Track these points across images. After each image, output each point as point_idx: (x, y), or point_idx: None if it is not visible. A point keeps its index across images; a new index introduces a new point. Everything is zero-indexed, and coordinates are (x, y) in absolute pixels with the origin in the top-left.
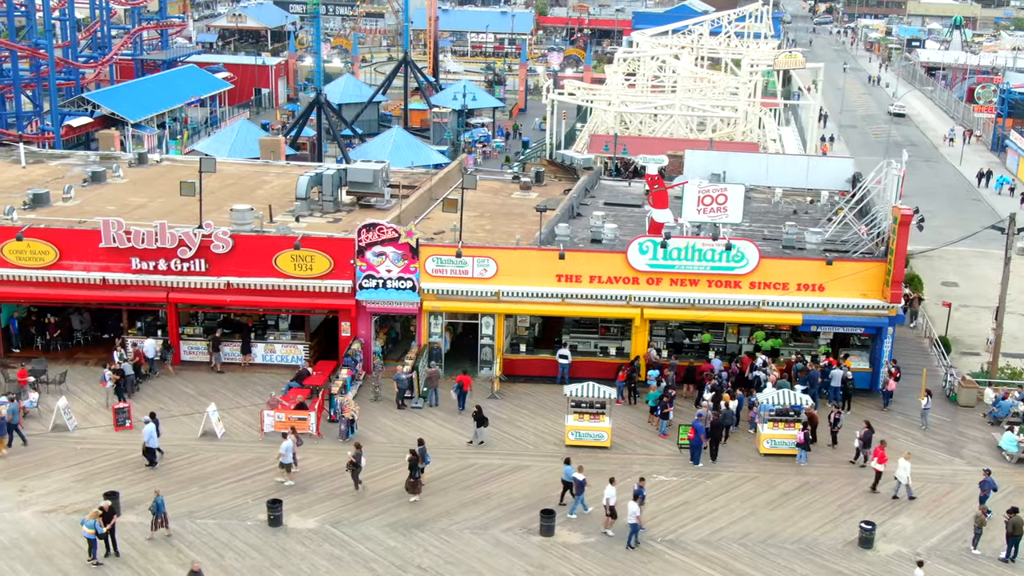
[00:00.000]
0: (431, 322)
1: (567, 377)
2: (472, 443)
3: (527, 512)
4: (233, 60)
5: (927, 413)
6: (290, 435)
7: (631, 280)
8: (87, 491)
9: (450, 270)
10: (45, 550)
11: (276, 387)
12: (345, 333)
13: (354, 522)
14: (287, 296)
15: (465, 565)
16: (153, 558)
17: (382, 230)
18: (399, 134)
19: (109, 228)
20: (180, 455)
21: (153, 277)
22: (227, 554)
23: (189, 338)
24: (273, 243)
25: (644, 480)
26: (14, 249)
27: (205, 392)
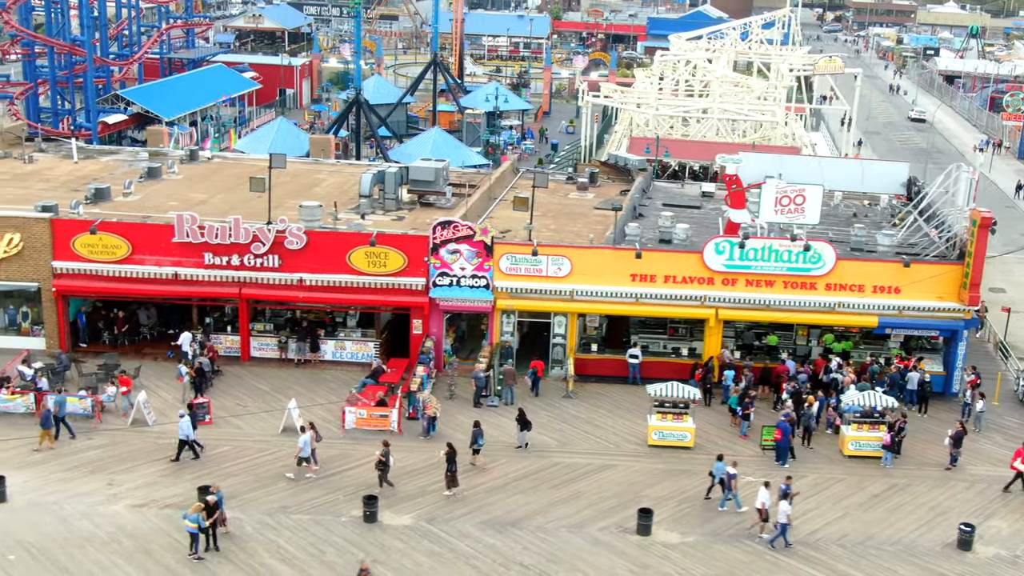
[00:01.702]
0: (503, 320)
1: (638, 377)
2: (519, 447)
3: (620, 511)
4: (258, 60)
5: (982, 416)
6: (309, 429)
7: (706, 280)
8: (176, 485)
9: (524, 268)
10: (144, 544)
11: (349, 384)
12: (417, 331)
13: (449, 519)
14: (359, 293)
15: (567, 563)
16: (254, 552)
17: (457, 227)
18: (438, 134)
19: (183, 222)
20: (263, 451)
21: (226, 272)
22: (327, 550)
23: (259, 334)
24: (347, 240)
25: (791, 479)
26: (86, 243)
27: (279, 388)
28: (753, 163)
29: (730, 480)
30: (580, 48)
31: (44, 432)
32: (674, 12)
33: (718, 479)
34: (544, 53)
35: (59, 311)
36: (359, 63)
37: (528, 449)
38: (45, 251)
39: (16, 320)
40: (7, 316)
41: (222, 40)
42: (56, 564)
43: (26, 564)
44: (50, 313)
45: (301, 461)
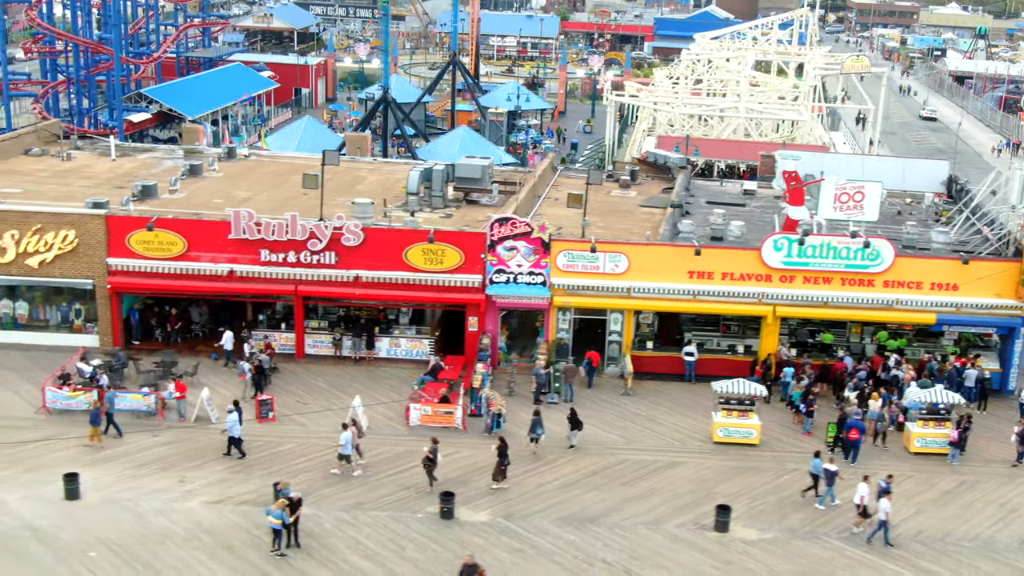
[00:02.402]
0: (559, 317)
1: (694, 375)
2: (571, 446)
3: (695, 508)
4: (274, 59)
5: None
6: (350, 426)
7: (764, 277)
8: (247, 482)
9: (581, 265)
10: (224, 541)
11: (406, 381)
12: (472, 328)
13: (526, 515)
14: (415, 290)
15: (649, 560)
16: (335, 549)
17: (515, 224)
18: (466, 133)
19: (240, 219)
20: (331, 448)
21: (282, 269)
22: (407, 546)
23: (314, 332)
24: (405, 237)
25: (892, 477)
26: (142, 239)
27: (337, 386)
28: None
29: (830, 476)
30: (588, 48)
31: (93, 429)
32: (679, 13)
33: (818, 476)
34: (552, 53)
35: (113, 308)
36: (387, 61)
37: (577, 448)
38: (100, 248)
39: (69, 317)
40: (60, 313)
41: (230, 40)
42: (138, 560)
43: (108, 560)
44: (104, 310)
45: (342, 458)
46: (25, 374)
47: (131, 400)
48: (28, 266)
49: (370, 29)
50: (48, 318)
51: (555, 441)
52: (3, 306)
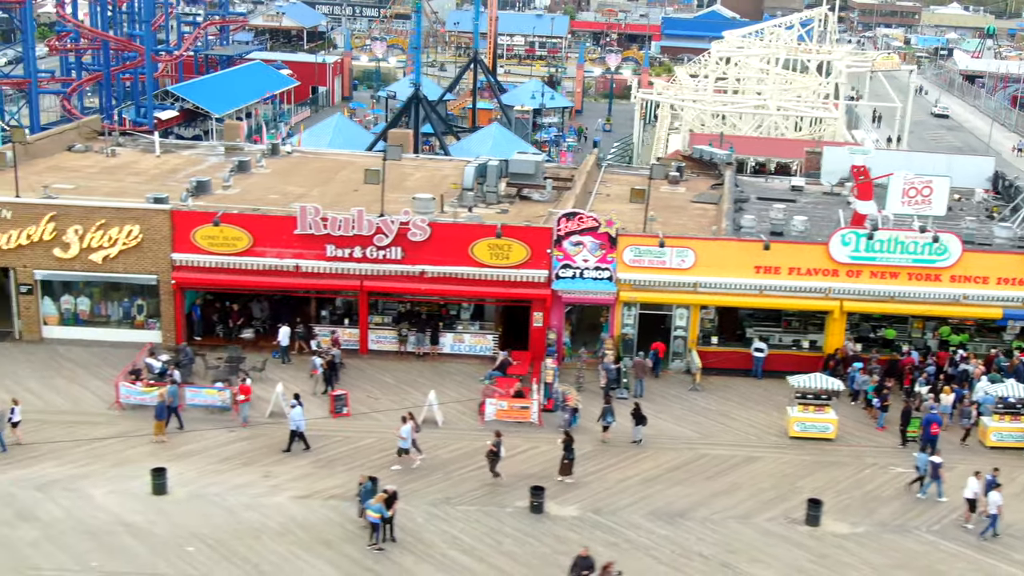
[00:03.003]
0: (624, 312)
1: (760, 371)
2: (634, 441)
3: (781, 502)
4: (292, 58)
5: None
6: (409, 420)
7: (831, 272)
8: (332, 477)
9: (648, 260)
10: (319, 535)
11: (472, 376)
12: (537, 323)
13: (614, 510)
14: (480, 285)
15: (746, 554)
16: (431, 543)
17: (582, 219)
18: (497, 130)
19: (306, 214)
20: None
21: (347, 265)
22: (504, 540)
23: (377, 327)
24: (471, 231)
25: (998, 470)
26: (207, 235)
27: (404, 381)
28: (838, 158)
29: (936, 469)
30: (596, 47)
31: (157, 423)
32: (682, 12)
33: (923, 470)
34: (562, 52)
35: (176, 304)
36: (418, 59)
37: (645, 444)
38: (164, 243)
39: (130, 313)
40: (121, 309)
41: (240, 39)
42: (236, 555)
43: (207, 555)
44: (167, 306)
45: (401, 452)
46: (92, 370)
47: (205, 395)
48: (91, 261)
49: (377, 28)
50: (109, 314)
51: (628, 436)
52: (65, 302)
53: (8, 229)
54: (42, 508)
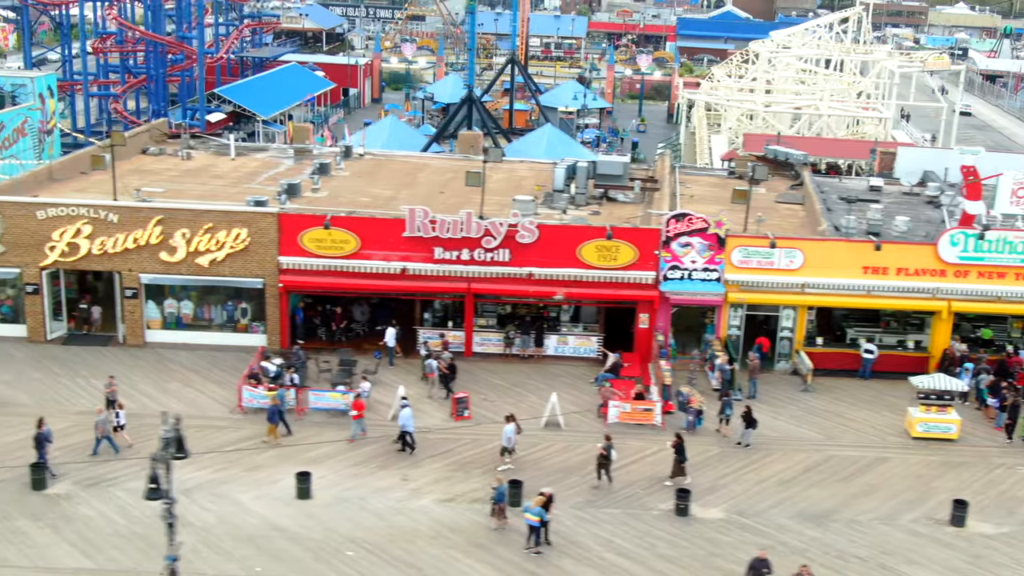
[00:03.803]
0: (731, 313)
1: (869, 372)
2: (741, 444)
3: (921, 503)
4: (324, 60)
5: None
6: (513, 420)
7: (938, 272)
8: (469, 480)
9: (756, 261)
10: (472, 538)
11: (580, 379)
12: (643, 325)
13: (759, 512)
14: (587, 287)
15: (900, 556)
16: (586, 546)
17: (691, 220)
18: (551, 132)
19: (415, 217)
20: (535, 446)
21: (455, 267)
22: (657, 543)
23: (482, 329)
24: (580, 233)
25: None
26: (315, 238)
27: (514, 383)
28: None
29: None
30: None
31: (270, 426)
32: (691, 12)
33: None
34: (581, 52)
35: (282, 307)
36: (472, 60)
37: (750, 448)
38: (271, 246)
39: (234, 316)
40: (225, 312)
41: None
42: (397, 559)
43: (367, 560)
44: (273, 309)
45: (504, 451)
46: (203, 374)
47: (328, 399)
48: (198, 265)
49: (392, 30)
50: (212, 317)
51: (759, 437)
52: (168, 305)
53: (115, 233)
54: (192, 513)
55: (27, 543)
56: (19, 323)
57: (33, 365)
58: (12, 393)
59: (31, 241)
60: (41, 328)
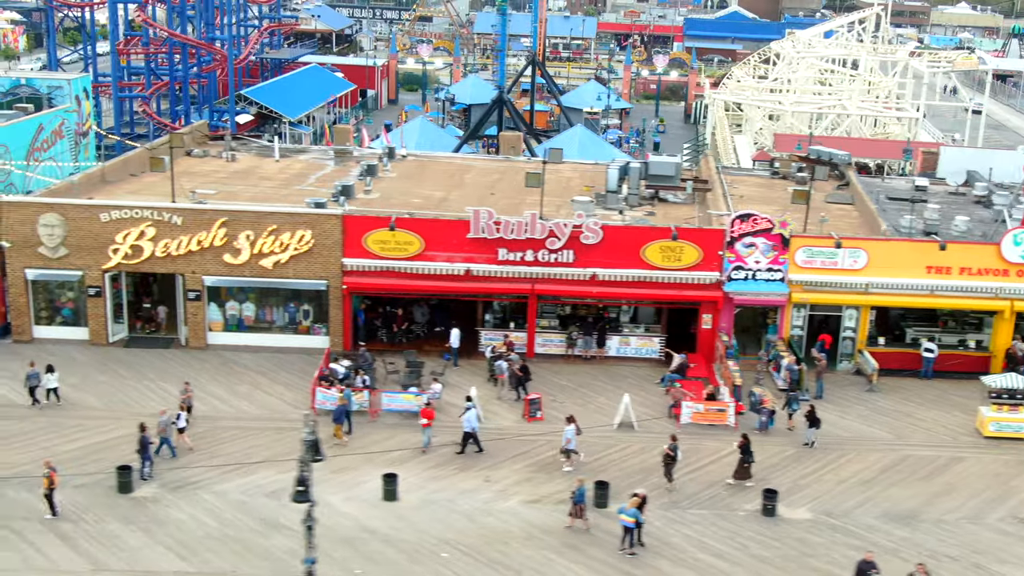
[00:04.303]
0: (793, 314)
1: (930, 371)
2: (807, 444)
3: (1002, 502)
4: (341, 61)
5: None
6: (573, 422)
7: (1001, 272)
8: (552, 481)
9: (820, 261)
10: (564, 540)
11: (645, 379)
12: (706, 325)
13: (845, 511)
14: (650, 287)
15: (991, 555)
16: (681, 547)
17: (756, 220)
18: (582, 132)
19: (479, 218)
20: (611, 446)
21: (518, 268)
22: (749, 544)
23: (544, 330)
24: (644, 234)
25: None
26: (379, 239)
27: (583, 384)
28: (955, 158)
29: None
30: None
31: (336, 427)
32: (694, 13)
33: None
34: (591, 53)
35: (345, 309)
36: (503, 61)
37: (822, 448)
38: (336, 248)
39: (296, 318)
40: (287, 314)
41: None
42: (493, 561)
43: (463, 562)
44: (336, 311)
45: (568, 453)
46: (270, 375)
47: (401, 400)
48: (262, 267)
49: (400, 31)
50: (274, 319)
51: (831, 437)
52: (231, 307)
53: (178, 235)
54: (283, 516)
55: (120, 546)
56: (80, 326)
57: (98, 368)
58: (81, 396)
59: (94, 244)
60: (103, 331)
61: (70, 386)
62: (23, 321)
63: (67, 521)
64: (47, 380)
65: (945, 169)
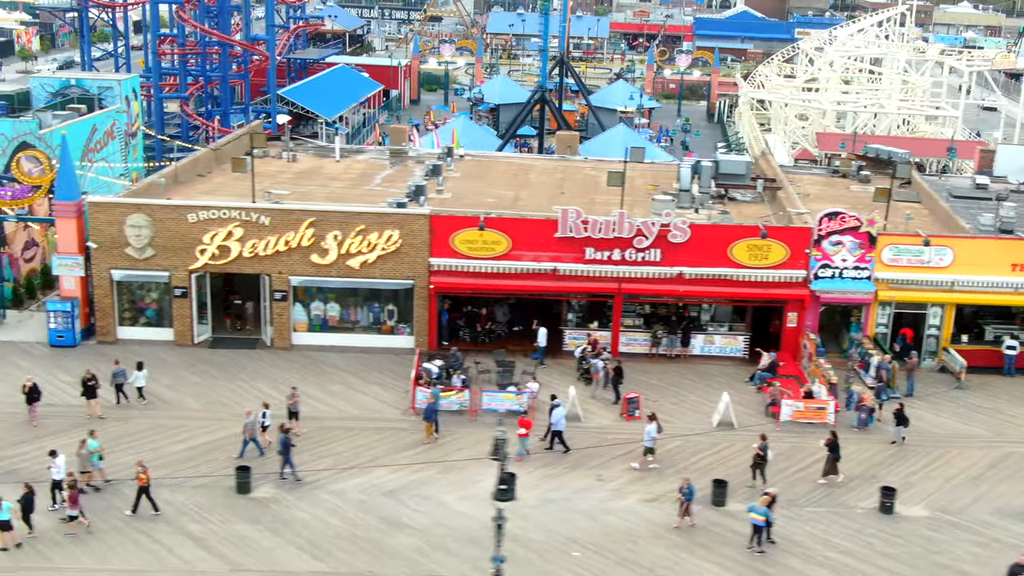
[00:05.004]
0: (879, 312)
1: (1013, 368)
2: (894, 443)
3: None
4: (365, 61)
5: None
6: (654, 420)
7: None
8: (664, 480)
9: (906, 259)
10: (691, 538)
11: (734, 377)
12: (791, 323)
13: (960, 508)
14: (736, 286)
15: None
16: (808, 546)
17: (844, 219)
18: (625, 131)
19: (567, 217)
20: (715, 444)
21: (605, 267)
22: (873, 542)
23: (628, 329)
24: (732, 232)
25: None
26: (466, 239)
27: (673, 383)
28: (1012, 157)
29: None
30: (628, 48)
31: (427, 425)
32: (699, 12)
33: None
34: (604, 53)
35: (431, 309)
36: (545, 60)
37: (902, 444)
38: (423, 248)
39: (380, 318)
40: (371, 314)
41: None
42: (625, 559)
43: (596, 560)
44: (421, 311)
45: (647, 452)
46: (362, 376)
47: (502, 399)
48: (349, 267)
49: (410, 31)
50: (358, 319)
51: (928, 435)
52: (315, 308)
53: (266, 235)
54: (404, 515)
55: (252, 546)
56: (163, 327)
57: (187, 369)
58: (178, 397)
59: (180, 244)
60: (188, 331)
61: (164, 387)
62: (108, 322)
63: (194, 522)
64: (136, 378)
65: (1003, 167)
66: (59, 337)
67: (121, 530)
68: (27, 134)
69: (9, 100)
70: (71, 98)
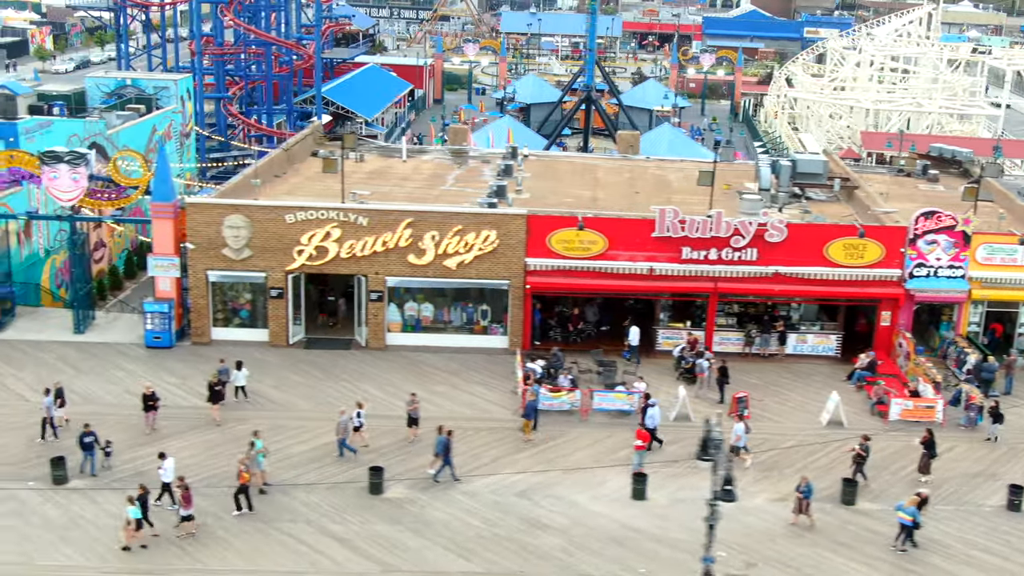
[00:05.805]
0: (971, 311)
1: None
2: (988, 439)
3: None
4: (392, 61)
5: None
6: (745, 419)
7: None
8: (785, 480)
9: (1000, 258)
10: (830, 536)
11: (831, 376)
12: (885, 322)
13: None
14: (830, 285)
15: None
16: (944, 544)
17: (940, 218)
18: (670, 131)
19: (665, 217)
20: (827, 444)
21: (701, 267)
22: (1011, 539)
23: (722, 328)
24: (828, 231)
25: None
26: (562, 239)
27: (772, 381)
28: None
29: None
30: (637, 47)
31: (526, 422)
32: (704, 12)
33: None
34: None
35: (526, 309)
36: (591, 60)
37: (997, 442)
38: (519, 248)
39: (473, 318)
40: (465, 315)
41: None
42: (769, 559)
43: (741, 559)
44: (517, 311)
45: (737, 450)
46: (462, 376)
47: (613, 399)
48: (445, 267)
49: (420, 31)
50: (451, 319)
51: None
52: (409, 308)
53: (363, 236)
54: (542, 515)
55: (399, 547)
56: (257, 327)
57: (289, 369)
58: (286, 398)
59: (278, 245)
60: (283, 332)
61: (270, 387)
62: (203, 323)
63: (334, 523)
64: (236, 377)
65: None
66: (156, 338)
67: (262, 531)
68: (96, 134)
69: (66, 100)
70: (128, 98)
